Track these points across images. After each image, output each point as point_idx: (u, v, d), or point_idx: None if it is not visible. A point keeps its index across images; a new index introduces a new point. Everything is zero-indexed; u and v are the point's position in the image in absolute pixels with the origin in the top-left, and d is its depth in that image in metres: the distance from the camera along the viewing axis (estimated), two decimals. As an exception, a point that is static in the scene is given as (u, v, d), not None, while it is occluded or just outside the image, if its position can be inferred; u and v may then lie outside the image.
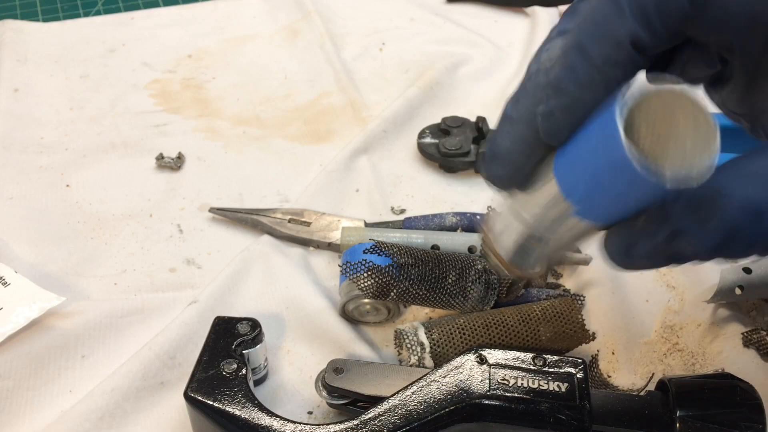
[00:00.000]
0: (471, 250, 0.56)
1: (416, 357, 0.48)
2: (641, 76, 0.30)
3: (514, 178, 0.35)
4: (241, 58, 0.83)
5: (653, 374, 0.51)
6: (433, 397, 0.41)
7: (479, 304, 0.51)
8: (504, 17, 0.91)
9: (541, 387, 0.41)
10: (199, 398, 0.43)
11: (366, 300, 0.52)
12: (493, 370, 0.42)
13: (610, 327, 0.53)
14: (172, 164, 0.68)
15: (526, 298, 0.54)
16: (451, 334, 0.49)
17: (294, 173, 0.68)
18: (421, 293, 0.50)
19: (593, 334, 0.51)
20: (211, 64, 0.82)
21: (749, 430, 0.41)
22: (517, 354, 0.43)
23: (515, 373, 0.42)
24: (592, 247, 0.59)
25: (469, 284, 0.51)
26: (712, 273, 0.57)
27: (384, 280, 0.50)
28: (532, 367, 0.43)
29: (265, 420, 0.42)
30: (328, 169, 0.66)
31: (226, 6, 0.92)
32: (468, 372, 0.42)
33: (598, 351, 0.51)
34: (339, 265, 0.54)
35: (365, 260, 0.50)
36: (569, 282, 0.58)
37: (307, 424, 0.42)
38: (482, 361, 0.43)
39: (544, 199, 0.34)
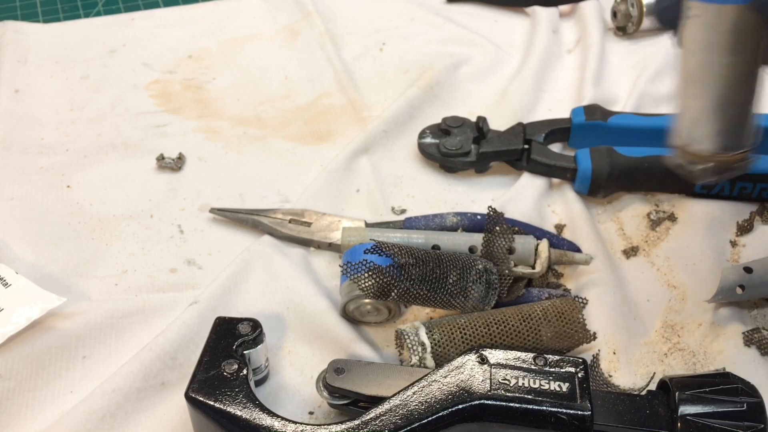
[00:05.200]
0: (472, 250, 0.56)
1: (417, 357, 0.48)
2: None
3: None
4: (241, 59, 0.83)
5: (654, 374, 0.51)
6: (434, 397, 0.41)
7: (480, 304, 0.51)
8: (504, 17, 0.90)
9: (542, 387, 0.41)
10: (200, 399, 0.43)
11: (367, 300, 0.52)
12: (494, 370, 0.42)
13: (611, 327, 0.53)
14: (172, 165, 0.68)
15: (527, 297, 0.54)
16: (452, 334, 0.49)
17: (294, 173, 0.68)
18: (422, 293, 0.50)
19: (594, 333, 0.51)
20: (211, 65, 0.82)
21: (750, 429, 0.41)
22: (518, 354, 0.43)
23: (516, 373, 0.42)
24: (592, 247, 0.59)
25: (470, 284, 0.51)
26: (713, 272, 0.57)
27: (385, 280, 0.50)
28: (533, 367, 0.42)
29: (266, 420, 0.42)
30: (328, 169, 0.66)
31: (226, 6, 0.92)
32: (469, 372, 0.42)
33: (599, 351, 0.51)
34: (340, 266, 0.54)
35: (366, 260, 0.50)
36: (570, 282, 0.58)
37: (308, 424, 0.42)
38: (483, 361, 0.43)
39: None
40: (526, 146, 0.66)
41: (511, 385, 0.41)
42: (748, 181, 0.61)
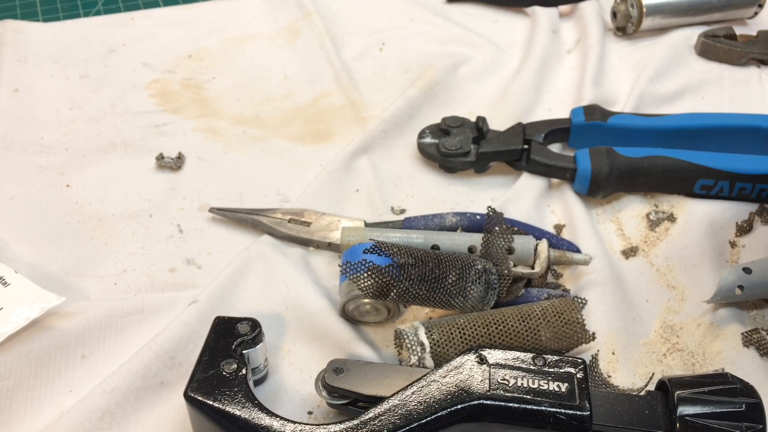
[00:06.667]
0: (471, 250, 0.56)
1: (416, 357, 0.48)
2: None
3: None
4: (241, 58, 0.83)
5: (653, 374, 0.51)
6: (433, 397, 0.41)
7: (479, 304, 0.51)
8: (504, 17, 0.91)
9: (541, 387, 0.41)
10: (199, 398, 0.43)
11: (366, 300, 0.52)
12: (493, 370, 0.42)
13: (610, 327, 0.53)
14: (172, 164, 0.68)
15: (526, 298, 0.54)
16: (452, 334, 0.49)
17: (294, 173, 0.68)
18: (421, 293, 0.50)
19: (593, 334, 0.51)
20: (211, 64, 0.82)
21: (749, 429, 0.41)
22: (517, 354, 0.43)
23: (515, 373, 0.42)
24: (592, 247, 0.59)
25: (469, 284, 0.51)
26: (713, 273, 0.57)
27: (384, 280, 0.50)
28: (532, 367, 0.42)
29: (265, 420, 0.42)
30: (328, 169, 0.66)
31: (226, 6, 0.92)
32: (468, 372, 0.42)
33: (598, 351, 0.51)
34: (339, 265, 0.54)
35: (365, 260, 0.50)
36: (569, 282, 0.58)
37: (307, 424, 0.42)
38: (482, 361, 0.43)
39: None
40: (525, 146, 0.66)
41: (510, 385, 0.41)
42: (748, 181, 0.61)
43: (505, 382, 0.42)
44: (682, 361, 0.52)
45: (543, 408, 0.40)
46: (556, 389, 0.41)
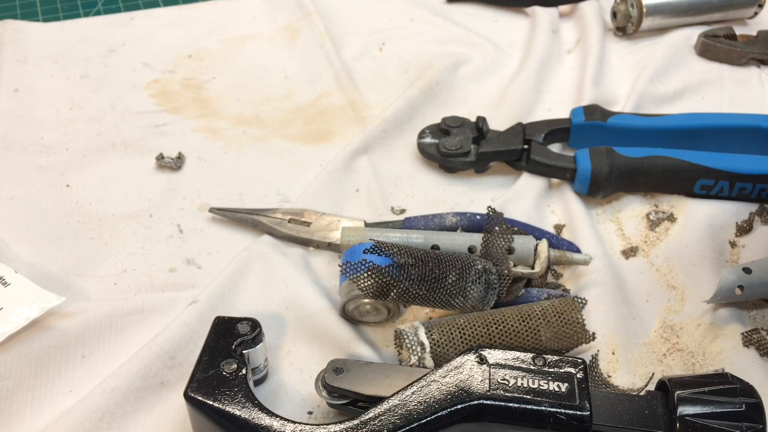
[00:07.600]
0: (471, 250, 0.56)
1: (416, 357, 0.48)
2: None
3: None
4: (241, 58, 0.83)
5: (653, 374, 0.51)
6: (433, 397, 0.41)
7: (479, 304, 0.51)
8: (504, 17, 0.91)
9: (541, 387, 0.41)
10: (199, 398, 0.43)
11: (366, 300, 0.52)
12: (493, 370, 0.42)
13: (610, 327, 0.53)
14: (172, 164, 0.68)
15: (526, 298, 0.54)
16: (452, 334, 0.49)
17: (294, 173, 0.68)
18: (421, 293, 0.50)
19: (593, 334, 0.51)
20: (211, 64, 0.82)
21: (749, 429, 0.41)
22: (517, 354, 0.43)
23: (515, 373, 0.42)
24: (592, 247, 0.59)
25: (469, 284, 0.51)
26: (713, 273, 0.57)
27: (384, 280, 0.50)
28: (532, 367, 0.42)
29: (265, 420, 0.42)
30: (328, 169, 0.66)
31: (226, 6, 0.92)
32: (468, 372, 0.42)
33: (598, 351, 0.51)
34: (339, 265, 0.54)
35: (365, 260, 0.50)
36: (569, 282, 0.58)
37: (307, 424, 0.42)
38: (482, 361, 0.43)
39: None
40: (525, 146, 0.66)
41: (510, 385, 0.41)
42: (748, 181, 0.61)
43: (505, 382, 0.42)
44: (682, 361, 0.52)
45: (543, 408, 0.40)
46: (556, 389, 0.41)
